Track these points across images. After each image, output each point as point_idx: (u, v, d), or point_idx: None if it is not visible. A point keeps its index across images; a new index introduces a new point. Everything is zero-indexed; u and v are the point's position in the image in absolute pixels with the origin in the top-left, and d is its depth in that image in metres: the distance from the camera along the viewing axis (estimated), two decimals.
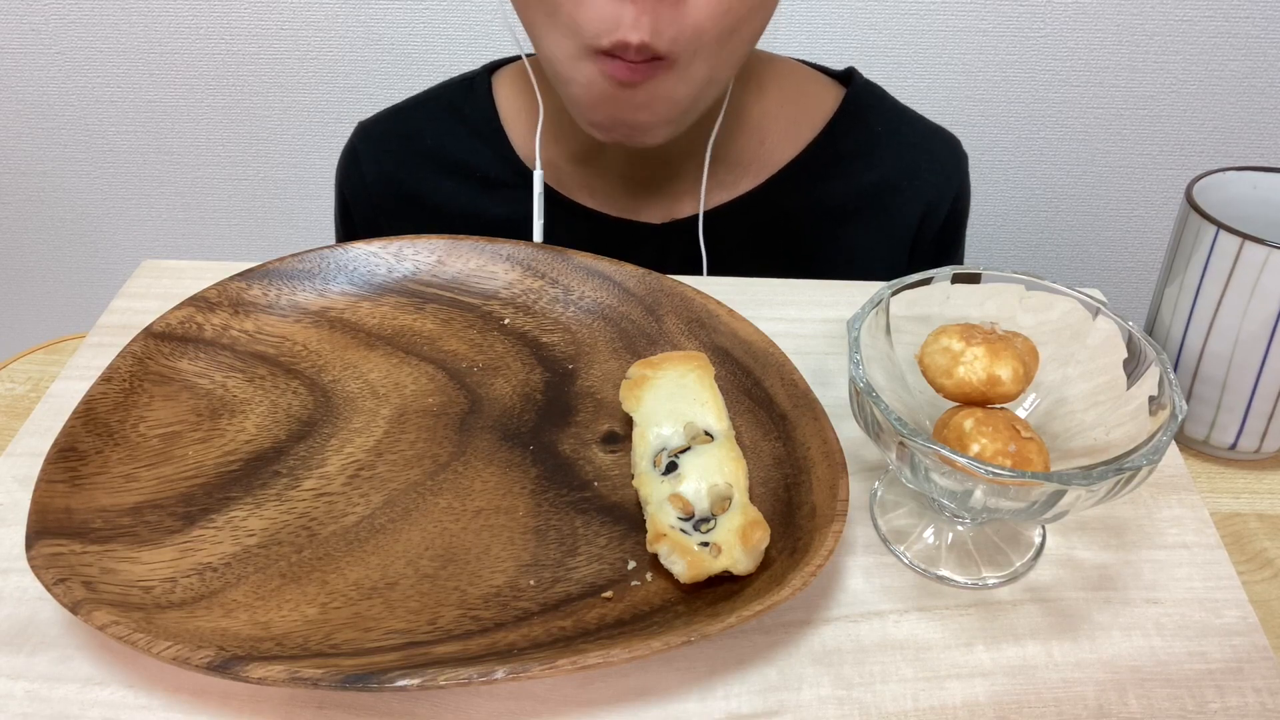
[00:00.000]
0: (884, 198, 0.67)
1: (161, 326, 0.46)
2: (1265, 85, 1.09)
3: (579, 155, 0.64)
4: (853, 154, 0.66)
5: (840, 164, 0.66)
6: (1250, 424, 0.50)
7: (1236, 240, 0.46)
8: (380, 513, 0.40)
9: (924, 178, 0.68)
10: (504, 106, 0.68)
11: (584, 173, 0.65)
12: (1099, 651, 0.37)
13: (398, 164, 0.69)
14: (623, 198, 0.65)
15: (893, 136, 0.68)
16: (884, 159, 0.67)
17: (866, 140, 0.67)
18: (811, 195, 0.65)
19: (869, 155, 0.67)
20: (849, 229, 0.67)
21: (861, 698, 0.35)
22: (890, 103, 0.70)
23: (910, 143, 0.68)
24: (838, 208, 0.66)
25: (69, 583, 0.34)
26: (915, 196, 0.67)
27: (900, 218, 0.67)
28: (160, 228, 1.26)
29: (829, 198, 0.66)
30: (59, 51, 1.12)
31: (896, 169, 0.67)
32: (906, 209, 0.67)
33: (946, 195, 0.68)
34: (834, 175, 0.66)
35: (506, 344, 0.48)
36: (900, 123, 0.69)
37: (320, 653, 0.34)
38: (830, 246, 0.67)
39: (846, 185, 0.66)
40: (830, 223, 0.66)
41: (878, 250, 0.67)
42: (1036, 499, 0.33)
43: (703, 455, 0.40)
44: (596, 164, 0.64)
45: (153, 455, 0.41)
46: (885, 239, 0.67)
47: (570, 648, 0.34)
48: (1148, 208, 1.19)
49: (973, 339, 0.37)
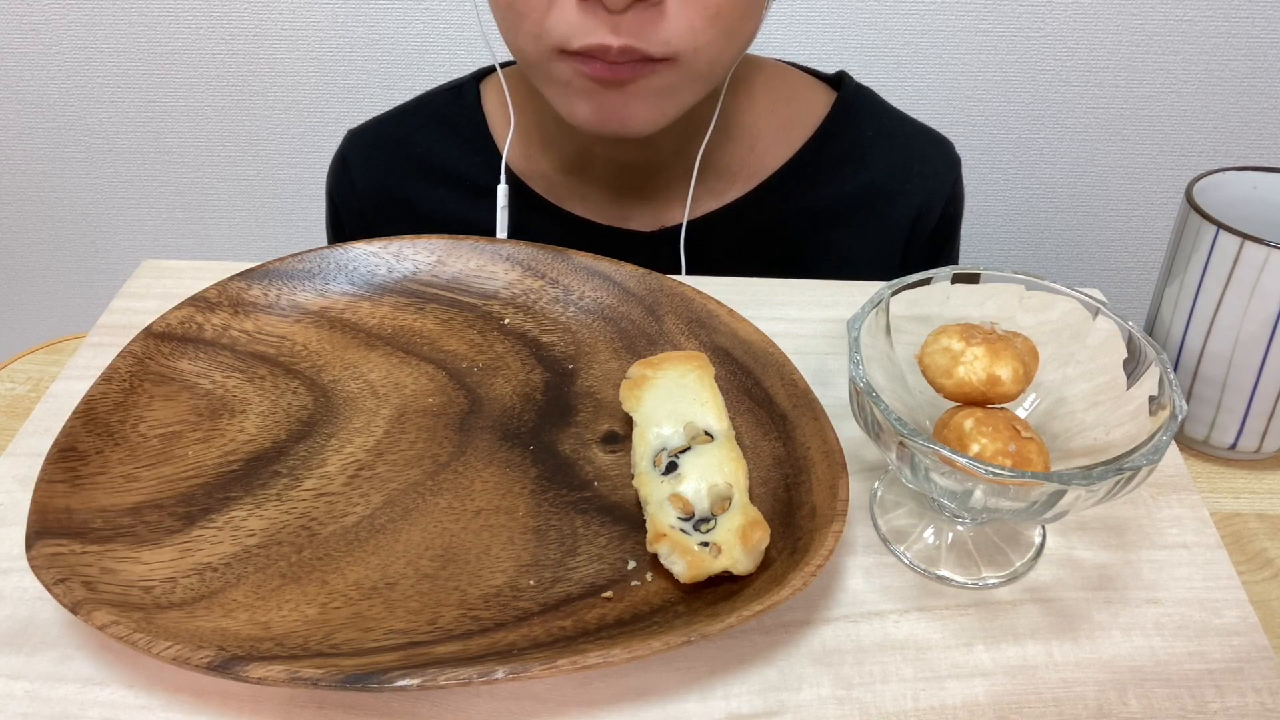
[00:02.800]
0: (875, 201, 0.66)
1: (161, 326, 0.46)
2: (1265, 85, 1.09)
3: (568, 164, 0.64)
4: (843, 158, 0.66)
5: (831, 169, 0.66)
6: (1250, 424, 0.50)
7: (1236, 240, 0.46)
8: (380, 513, 0.40)
9: (915, 181, 0.67)
10: (491, 114, 0.68)
11: (573, 181, 0.64)
12: (1099, 651, 0.37)
13: (387, 170, 0.69)
14: (613, 206, 0.65)
15: (884, 140, 0.67)
16: (874, 163, 0.66)
17: (857, 144, 0.67)
18: (802, 201, 0.65)
19: (859, 159, 0.66)
20: (840, 233, 0.66)
21: (861, 698, 0.35)
22: (881, 106, 0.70)
23: (901, 146, 0.68)
24: (828, 212, 0.66)
25: (69, 583, 0.34)
26: (906, 200, 0.67)
27: (891, 221, 0.67)
28: (160, 228, 1.26)
29: (819, 202, 0.65)
30: (59, 51, 1.12)
31: (887, 172, 0.67)
32: (897, 213, 0.67)
33: (939, 198, 0.68)
34: (824, 180, 0.65)
35: (506, 344, 0.48)
36: (892, 126, 0.69)
37: (320, 653, 0.34)
38: (821, 251, 0.66)
39: (837, 190, 0.66)
40: (821, 227, 0.66)
41: (869, 254, 0.67)
42: (1036, 499, 0.33)
43: (703, 455, 0.40)
44: (586, 172, 0.64)
45: (153, 455, 0.41)
46: (876, 243, 0.67)
47: (570, 648, 0.34)
48: (1148, 208, 1.19)
49: (973, 339, 0.37)
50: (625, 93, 0.51)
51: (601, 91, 0.51)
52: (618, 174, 0.63)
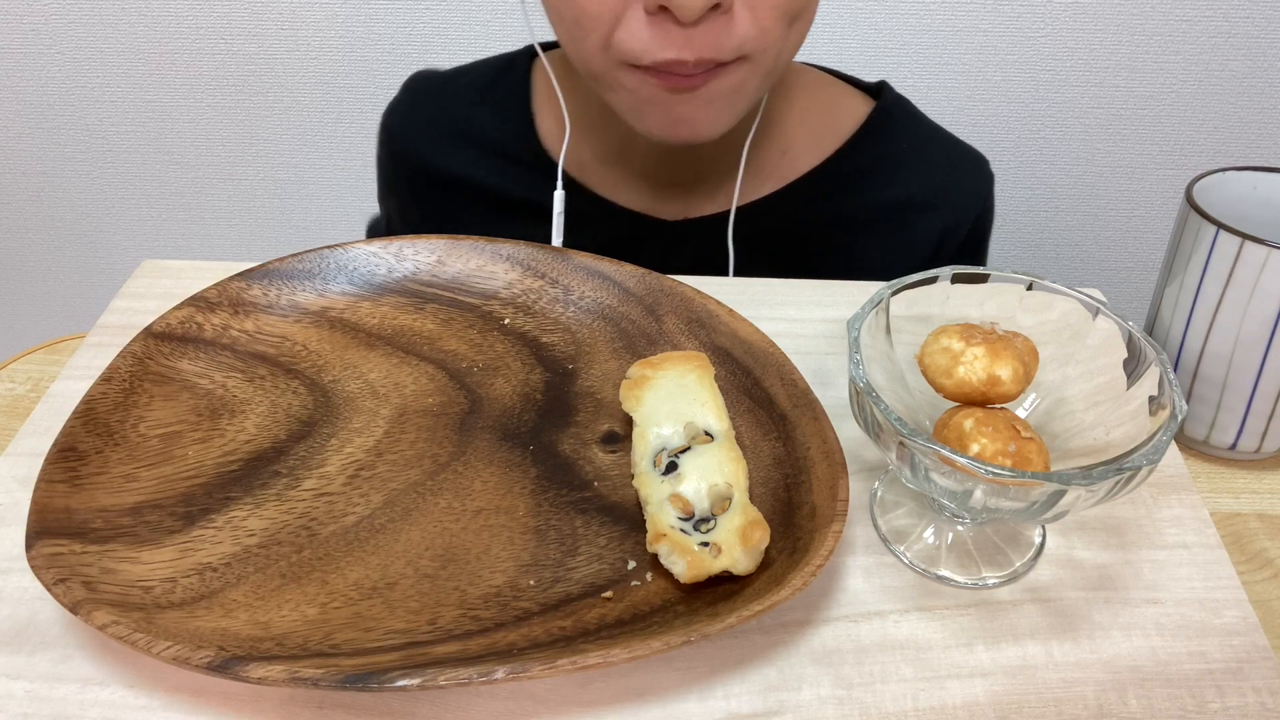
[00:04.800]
0: (905, 214, 0.66)
1: (161, 326, 0.46)
2: (1265, 85, 1.09)
3: (606, 156, 0.64)
4: (875, 168, 0.66)
5: (860, 178, 0.66)
6: (1250, 424, 0.50)
7: (1236, 240, 0.46)
8: (380, 513, 0.40)
9: (946, 197, 0.67)
10: (538, 92, 0.68)
11: (610, 170, 0.65)
12: (1099, 651, 0.37)
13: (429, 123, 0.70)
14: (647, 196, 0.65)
15: (917, 154, 0.67)
16: (908, 178, 0.66)
17: (891, 156, 0.66)
18: (829, 205, 0.65)
19: (892, 171, 0.66)
20: (864, 241, 0.66)
21: (861, 698, 0.35)
22: (918, 118, 0.70)
23: (937, 164, 0.68)
24: (854, 219, 0.66)
25: (69, 583, 0.34)
26: (936, 216, 0.67)
27: (919, 235, 0.67)
28: (160, 228, 1.26)
29: (846, 210, 0.66)
30: (59, 51, 1.12)
31: (922, 189, 0.66)
32: (926, 227, 0.67)
33: (968, 214, 0.68)
34: (854, 187, 0.65)
35: (506, 344, 0.48)
36: (929, 141, 0.69)
37: (320, 653, 0.34)
38: (843, 257, 0.66)
39: (866, 198, 0.66)
40: (845, 234, 0.66)
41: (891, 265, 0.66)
42: (1036, 499, 0.33)
43: (703, 455, 0.40)
44: (623, 163, 0.64)
45: (153, 455, 0.41)
46: (901, 255, 0.67)
47: (570, 648, 0.34)
48: (1148, 208, 1.19)
49: (973, 339, 0.37)
50: (696, 99, 0.50)
51: (673, 100, 0.50)
52: (657, 166, 0.64)
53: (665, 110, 0.51)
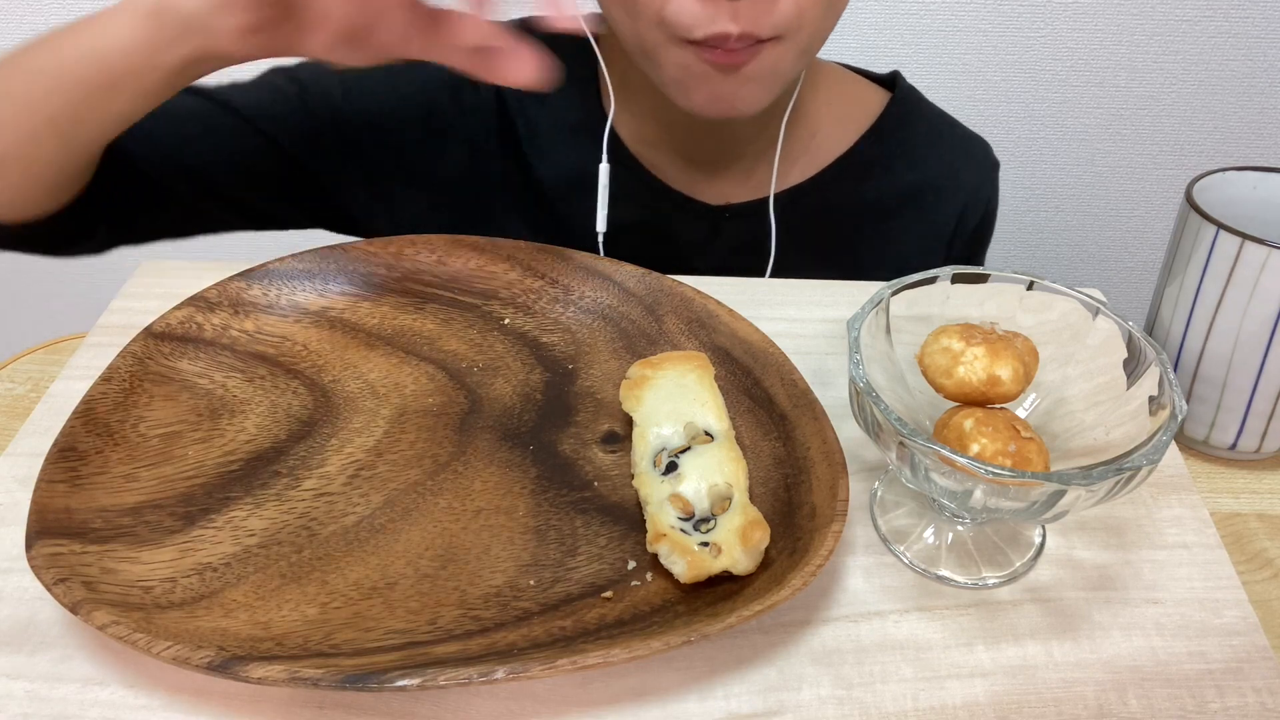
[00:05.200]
0: (925, 196, 0.69)
1: (161, 326, 0.46)
2: (1265, 85, 1.09)
3: (645, 138, 0.66)
4: (896, 154, 0.69)
5: (884, 163, 0.68)
6: (1250, 424, 0.50)
7: (1236, 240, 0.46)
8: (380, 513, 0.40)
9: (962, 179, 0.71)
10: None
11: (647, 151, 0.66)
12: (1099, 651, 0.37)
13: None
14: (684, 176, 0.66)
15: (934, 139, 0.71)
16: (926, 161, 0.69)
17: (909, 142, 0.69)
18: (857, 191, 0.68)
19: (911, 156, 0.69)
20: (891, 225, 0.69)
21: (861, 698, 0.35)
22: (930, 107, 0.73)
23: (949, 146, 0.71)
24: (881, 205, 0.69)
25: (69, 583, 0.34)
26: (953, 198, 0.70)
27: (939, 218, 0.70)
28: None
29: (872, 195, 0.68)
30: None
31: (938, 170, 0.70)
32: (945, 209, 0.70)
33: (981, 199, 0.72)
34: (878, 174, 0.68)
35: (506, 344, 0.48)
36: (941, 126, 0.72)
37: (320, 653, 0.34)
38: (873, 241, 0.69)
39: (889, 184, 0.68)
40: (872, 219, 0.69)
41: (916, 249, 0.70)
42: (1036, 499, 0.33)
43: (703, 455, 0.40)
44: (660, 145, 0.66)
45: (153, 455, 0.41)
46: (923, 238, 0.70)
47: (570, 648, 0.34)
48: (1148, 208, 1.19)
49: (973, 339, 0.37)
50: (739, 76, 0.53)
51: (718, 77, 0.53)
52: (696, 146, 0.65)
53: (711, 86, 0.54)
